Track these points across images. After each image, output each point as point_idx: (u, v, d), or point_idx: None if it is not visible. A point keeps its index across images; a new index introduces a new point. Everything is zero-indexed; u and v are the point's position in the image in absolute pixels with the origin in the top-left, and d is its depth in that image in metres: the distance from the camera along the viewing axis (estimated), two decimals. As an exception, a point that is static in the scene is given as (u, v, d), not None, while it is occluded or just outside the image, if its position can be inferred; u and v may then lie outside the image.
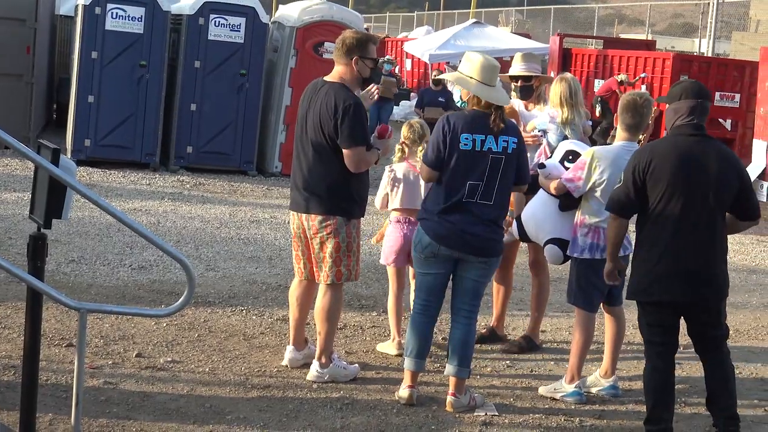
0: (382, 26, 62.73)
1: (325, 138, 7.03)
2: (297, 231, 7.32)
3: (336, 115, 6.96)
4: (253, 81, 16.66)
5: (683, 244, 6.24)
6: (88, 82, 16.17)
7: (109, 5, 16.03)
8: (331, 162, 7.07)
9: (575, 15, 53.47)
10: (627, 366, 8.17)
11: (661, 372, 6.44)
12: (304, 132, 7.18)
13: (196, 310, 8.70)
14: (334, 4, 18.43)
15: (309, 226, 7.18)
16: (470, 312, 6.96)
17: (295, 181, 7.27)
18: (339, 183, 7.11)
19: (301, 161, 7.20)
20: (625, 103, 7.20)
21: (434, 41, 27.93)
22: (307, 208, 7.17)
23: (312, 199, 7.13)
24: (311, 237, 7.19)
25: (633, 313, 9.65)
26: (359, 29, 16.70)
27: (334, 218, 7.11)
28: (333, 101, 7.01)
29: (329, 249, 7.13)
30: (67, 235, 11.10)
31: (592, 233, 7.20)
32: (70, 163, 5.65)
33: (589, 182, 7.11)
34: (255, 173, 16.82)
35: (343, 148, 6.99)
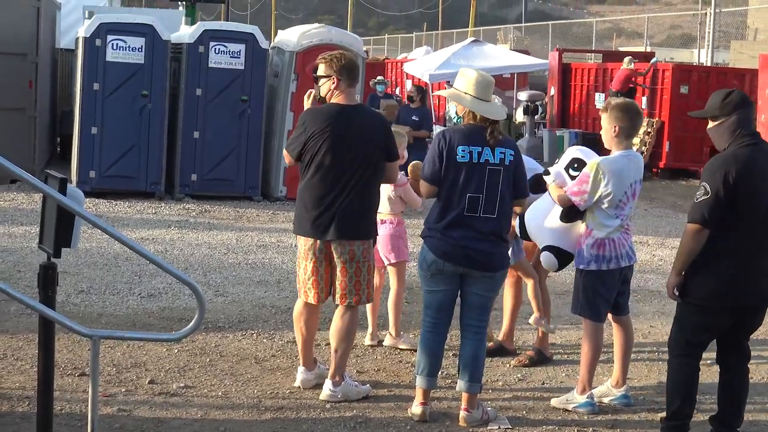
0: (381, 48, 62.96)
1: (376, 162, 7.18)
2: (318, 255, 7.25)
3: (386, 134, 7.26)
4: (254, 107, 16.74)
5: (763, 251, 6.35)
6: (90, 113, 16.25)
7: (109, 36, 16.12)
8: (374, 185, 7.28)
9: (573, 30, 53.55)
10: (637, 375, 8.18)
11: (694, 369, 6.49)
12: (344, 157, 7.11)
13: (207, 335, 8.74)
14: (333, 27, 18.55)
15: (345, 251, 7.17)
16: (479, 327, 6.98)
17: (327, 207, 7.14)
18: (375, 205, 7.38)
19: (341, 187, 7.12)
20: (624, 111, 7.22)
21: (434, 61, 27.92)
22: (347, 234, 7.15)
23: (353, 225, 7.16)
24: (345, 261, 7.19)
25: (641, 323, 9.68)
26: (359, 52, 16.90)
27: (369, 241, 7.26)
28: (380, 123, 7.34)
29: (363, 272, 7.22)
30: (76, 266, 11.15)
31: (598, 245, 7.21)
32: (77, 192, 5.69)
33: (596, 195, 7.10)
34: (260, 198, 16.87)
35: (391, 162, 7.28)
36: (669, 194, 20.73)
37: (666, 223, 16.88)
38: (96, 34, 16.14)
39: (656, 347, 8.98)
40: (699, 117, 6.63)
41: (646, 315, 10.31)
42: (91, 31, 16.17)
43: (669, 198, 20.09)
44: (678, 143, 23.00)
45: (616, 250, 7.21)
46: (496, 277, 6.95)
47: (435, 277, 6.92)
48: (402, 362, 8.30)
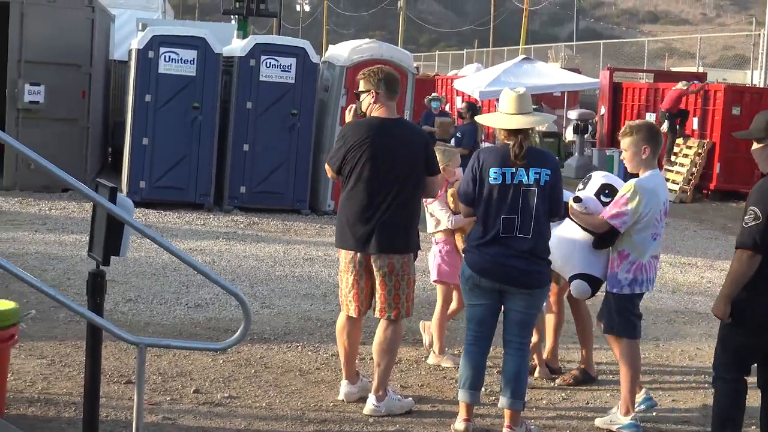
0: (432, 65, 63.02)
1: (416, 175, 7.21)
2: (358, 269, 7.32)
3: (426, 148, 7.29)
4: (304, 120, 16.81)
5: None
6: (142, 125, 16.40)
7: (162, 49, 16.27)
8: (416, 198, 7.33)
9: (625, 49, 53.35)
10: (683, 397, 8.13)
11: (740, 393, 6.40)
12: (381, 171, 7.18)
13: (252, 346, 8.78)
14: (384, 43, 18.58)
15: (384, 264, 7.21)
16: (521, 344, 6.96)
17: (366, 220, 7.21)
18: (415, 219, 7.35)
19: (380, 201, 7.18)
20: (652, 132, 7.28)
21: (484, 78, 27.94)
22: (386, 248, 7.19)
23: (392, 238, 7.20)
24: (385, 274, 7.23)
25: (687, 344, 9.61)
26: (409, 68, 16.94)
27: (409, 255, 7.26)
28: (419, 138, 7.38)
29: (402, 286, 7.23)
30: (124, 275, 11.24)
31: (636, 269, 7.21)
32: (127, 202, 5.76)
33: (635, 216, 7.11)
34: (308, 212, 16.93)
35: (431, 176, 7.30)
36: (719, 216, 20.58)
37: (715, 245, 16.76)
38: (149, 46, 16.29)
39: (702, 370, 8.91)
40: (743, 138, 6.58)
41: (693, 337, 10.24)
42: (144, 43, 16.32)
43: (719, 220, 19.94)
44: (728, 165, 22.84)
45: (647, 273, 7.28)
46: (534, 294, 6.91)
47: (474, 291, 6.94)
48: (446, 378, 8.29)
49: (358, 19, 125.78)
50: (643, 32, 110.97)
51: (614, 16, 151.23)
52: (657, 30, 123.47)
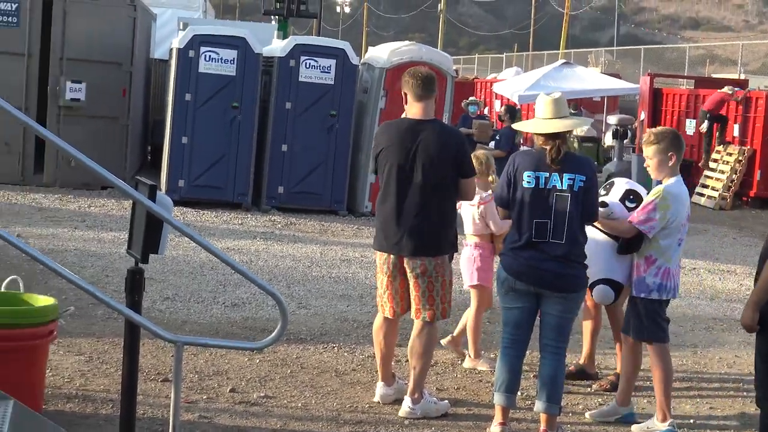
0: (471, 68, 62.94)
1: (445, 176, 7.13)
2: (392, 270, 7.32)
3: (458, 150, 7.15)
4: (343, 122, 16.83)
5: None
6: (182, 123, 16.47)
7: (202, 48, 16.33)
8: (448, 200, 7.24)
9: (666, 55, 53.12)
10: (720, 405, 8.06)
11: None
12: (411, 172, 7.16)
13: (289, 346, 8.79)
14: (423, 45, 18.56)
15: (416, 266, 7.20)
16: (557, 348, 6.93)
17: (397, 222, 7.21)
18: (450, 221, 7.28)
19: (410, 202, 7.17)
20: (677, 139, 7.29)
21: (523, 82, 27.86)
22: (416, 249, 7.18)
23: (424, 240, 7.17)
24: (417, 276, 7.21)
25: (726, 352, 9.54)
26: (448, 70, 16.92)
27: (442, 257, 7.20)
28: (451, 138, 7.23)
29: (437, 287, 7.19)
30: (162, 274, 11.29)
31: (663, 274, 7.21)
32: (166, 200, 5.78)
33: (664, 221, 7.11)
34: (345, 213, 16.94)
35: (464, 179, 7.18)
36: (759, 223, 20.41)
37: (755, 253, 16.57)
38: (190, 45, 16.36)
39: (740, 378, 8.83)
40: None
41: (731, 344, 10.15)
42: (185, 42, 16.39)
43: (759, 227, 19.77)
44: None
45: (674, 280, 7.30)
46: (570, 298, 6.87)
47: (509, 294, 6.93)
48: (482, 381, 8.26)
49: (398, 22, 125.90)
50: (684, 38, 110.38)
51: (655, 22, 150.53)
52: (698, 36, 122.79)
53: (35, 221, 14.25)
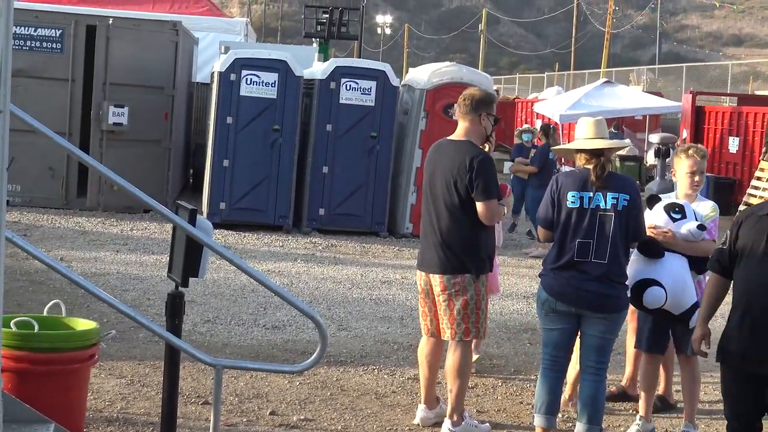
0: (512, 87, 62.91)
1: (459, 195, 7.12)
2: (424, 287, 7.40)
3: (470, 171, 7.07)
4: (383, 143, 16.85)
5: None
6: (223, 146, 16.55)
7: (243, 71, 16.42)
8: (463, 219, 7.17)
9: (708, 73, 52.83)
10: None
11: None
12: (433, 193, 7.28)
13: (329, 369, 8.80)
14: (464, 66, 18.56)
15: (437, 283, 7.23)
16: (598, 369, 6.89)
17: (426, 240, 7.37)
18: (469, 240, 7.19)
19: (432, 221, 7.28)
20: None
21: (565, 101, 27.79)
22: (436, 267, 7.23)
23: (441, 258, 7.20)
24: (438, 294, 7.24)
25: None
26: (489, 90, 16.91)
27: (462, 276, 7.16)
28: (465, 158, 7.12)
29: (457, 306, 7.17)
30: (203, 296, 11.34)
31: None
32: (206, 223, 5.82)
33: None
34: (386, 234, 16.95)
35: (479, 202, 7.09)
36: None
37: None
38: (231, 68, 16.45)
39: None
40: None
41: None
42: (227, 65, 16.49)
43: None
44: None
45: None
46: (611, 319, 6.83)
47: (549, 316, 6.90)
48: (523, 403, 8.23)
49: (439, 42, 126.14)
50: (727, 55, 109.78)
51: (697, 39, 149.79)
52: (741, 53, 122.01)
53: (78, 245, 14.36)
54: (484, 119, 7.29)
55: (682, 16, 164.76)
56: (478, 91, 7.45)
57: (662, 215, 7.36)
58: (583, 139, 7.04)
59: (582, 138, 7.06)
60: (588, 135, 7.04)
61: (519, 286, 13.53)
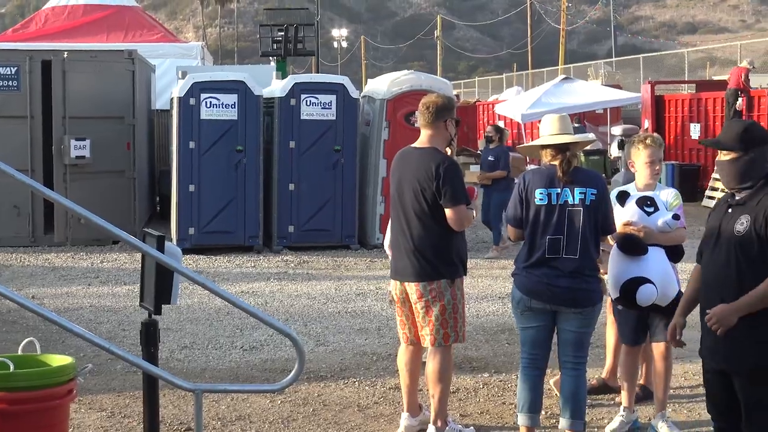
0: (472, 91, 63.08)
1: (427, 202, 7.12)
2: (400, 296, 7.38)
3: (437, 178, 7.06)
4: (347, 156, 16.86)
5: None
6: (187, 171, 16.51)
7: (202, 95, 16.40)
8: (433, 226, 7.16)
9: (665, 62, 53.09)
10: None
11: None
12: (402, 201, 7.28)
13: (309, 385, 8.79)
14: (423, 73, 18.61)
15: (413, 291, 7.23)
16: (577, 363, 6.91)
17: (397, 249, 7.36)
18: (441, 246, 7.19)
19: (402, 229, 7.27)
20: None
21: (525, 101, 27.94)
22: (410, 275, 7.23)
23: (415, 265, 7.19)
24: (415, 301, 7.24)
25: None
26: (449, 96, 16.92)
27: (437, 282, 7.16)
28: (431, 165, 7.11)
29: (435, 312, 7.17)
30: (178, 323, 11.30)
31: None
32: (175, 249, 5.81)
33: None
34: (357, 246, 16.95)
35: (447, 208, 7.08)
36: None
37: None
38: (190, 93, 16.43)
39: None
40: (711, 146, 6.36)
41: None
42: (185, 90, 16.46)
43: None
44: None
45: None
46: (586, 313, 6.85)
47: (525, 314, 6.92)
48: (505, 404, 8.24)
49: (396, 52, 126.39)
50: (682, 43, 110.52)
51: (652, 30, 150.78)
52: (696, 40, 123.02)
53: (49, 281, 14.28)
54: (449, 125, 7.32)
55: (636, 7, 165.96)
56: (437, 97, 7.42)
57: (636, 211, 7.35)
58: (548, 135, 7.06)
59: (547, 134, 7.08)
60: (553, 131, 7.06)
61: (493, 287, 13.56)
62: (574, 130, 7.46)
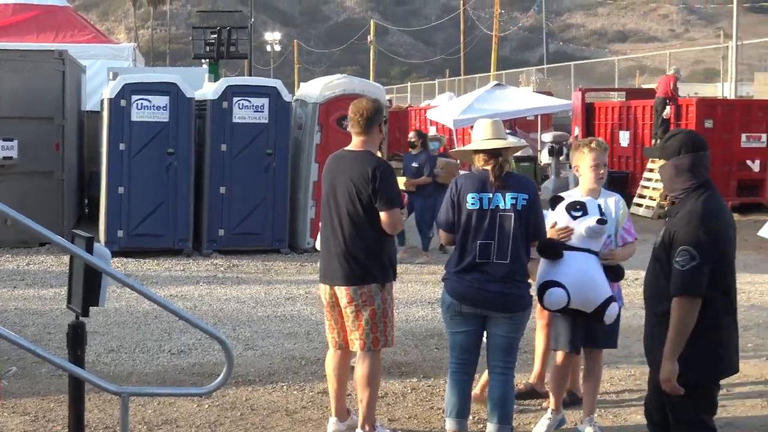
0: (405, 96, 63.27)
1: (362, 205, 7.12)
2: (330, 300, 7.37)
3: (373, 181, 7.08)
4: (279, 160, 16.80)
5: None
6: (117, 173, 16.37)
7: (133, 97, 16.26)
8: (366, 229, 7.17)
9: (596, 69, 53.68)
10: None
11: None
12: (335, 203, 7.26)
13: (237, 389, 8.75)
14: (355, 77, 18.59)
15: (343, 295, 7.22)
16: (506, 368, 6.94)
17: (327, 252, 7.34)
18: (373, 249, 7.20)
19: (335, 232, 7.25)
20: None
21: (457, 107, 28.03)
22: (341, 278, 7.22)
23: (345, 269, 7.19)
24: (345, 306, 7.23)
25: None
26: (382, 101, 16.94)
27: (368, 286, 7.17)
28: (367, 168, 7.13)
29: (365, 316, 7.17)
30: (105, 326, 11.19)
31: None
32: (104, 251, 5.75)
33: None
34: (287, 251, 16.90)
35: (382, 211, 7.11)
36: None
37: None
38: (121, 94, 16.28)
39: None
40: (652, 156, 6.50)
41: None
42: (116, 91, 16.31)
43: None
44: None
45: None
46: (516, 318, 6.87)
47: (455, 319, 6.93)
48: (434, 409, 8.27)
49: (329, 56, 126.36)
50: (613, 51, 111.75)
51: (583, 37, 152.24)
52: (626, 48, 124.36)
53: (-26, 283, 14.08)
54: (381, 127, 7.36)
55: (567, 15, 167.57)
56: (368, 102, 7.40)
57: (563, 215, 7.36)
58: (481, 140, 7.08)
59: (480, 139, 7.10)
60: (486, 136, 7.08)
61: (423, 292, 13.60)
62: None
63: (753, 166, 23.42)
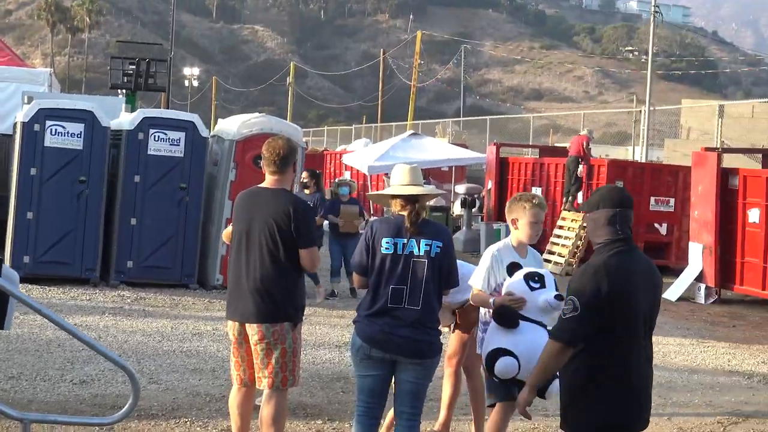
0: (321, 140, 63.37)
1: (282, 243, 7.10)
2: (238, 337, 7.31)
3: (295, 219, 7.09)
4: (193, 194, 16.70)
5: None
6: (27, 198, 16.13)
7: (48, 122, 16.07)
8: (285, 266, 7.17)
9: (511, 125, 54.38)
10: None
11: None
12: (251, 240, 7.22)
13: (140, 422, 8.62)
14: (273, 117, 18.58)
15: (254, 332, 7.17)
16: (413, 414, 6.93)
17: (238, 289, 7.29)
18: (289, 288, 7.19)
19: (249, 269, 7.21)
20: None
21: (373, 153, 28.16)
22: (254, 315, 7.17)
23: (259, 306, 7.14)
24: (256, 343, 7.18)
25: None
26: (299, 142, 16.94)
27: (281, 324, 7.14)
28: (287, 206, 7.13)
29: (275, 355, 7.13)
30: (6, 352, 10.98)
31: None
32: (12, 273, 5.66)
33: None
34: (196, 286, 16.76)
35: (302, 248, 7.12)
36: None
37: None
38: (35, 119, 16.09)
39: None
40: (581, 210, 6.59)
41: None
42: (30, 116, 16.11)
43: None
44: (613, 238, 23.21)
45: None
46: (425, 364, 6.87)
47: (364, 362, 6.90)
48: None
49: (247, 95, 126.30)
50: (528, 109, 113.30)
51: (500, 93, 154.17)
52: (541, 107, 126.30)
53: None
54: (296, 167, 7.38)
55: (485, 70, 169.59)
56: (283, 142, 7.39)
57: (521, 284, 7.26)
58: (399, 185, 7.12)
59: (397, 184, 7.13)
60: (403, 181, 7.11)
61: (331, 335, 13.55)
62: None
63: (660, 229, 23.82)
